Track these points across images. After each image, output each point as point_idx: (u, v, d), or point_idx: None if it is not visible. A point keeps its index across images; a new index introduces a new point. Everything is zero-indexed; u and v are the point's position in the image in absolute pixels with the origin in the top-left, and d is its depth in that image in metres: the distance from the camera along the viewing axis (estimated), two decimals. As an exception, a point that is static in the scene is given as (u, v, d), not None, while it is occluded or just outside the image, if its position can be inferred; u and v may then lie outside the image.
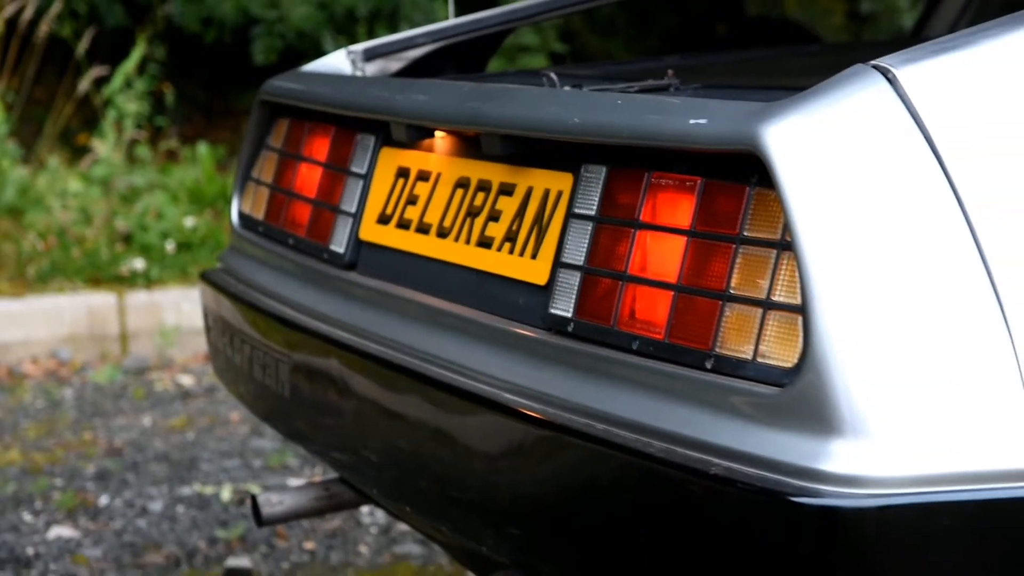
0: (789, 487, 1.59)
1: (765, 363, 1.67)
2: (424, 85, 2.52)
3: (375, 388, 2.23)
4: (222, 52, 7.54)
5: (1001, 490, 1.57)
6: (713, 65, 2.98)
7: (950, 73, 1.68)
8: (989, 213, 1.62)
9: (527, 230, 2.04)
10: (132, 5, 7.40)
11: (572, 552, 1.89)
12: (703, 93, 2.12)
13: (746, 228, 1.71)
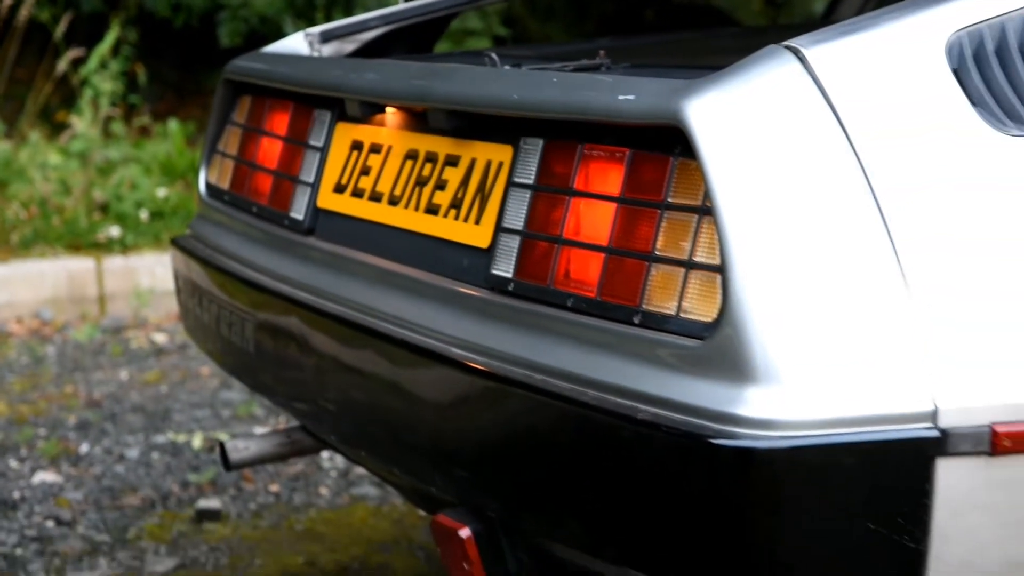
0: (709, 430, 1.59)
1: (687, 318, 1.67)
2: (376, 65, 2.51)
3: (333, 344, 2.22)
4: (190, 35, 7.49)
5: (894, 431, 1.59)
6: (641, 47, 2.98)
7: (854, 52, 1.69)
8: (891, 181, 1.63)
9: (471, 198, 2.03)
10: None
11: (513, 491, 1.89)
12: (632, 72, 2.12)
13: (670, 195, 1.72)
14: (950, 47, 1.70)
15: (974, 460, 1.60)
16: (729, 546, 1.63)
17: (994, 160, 1.67)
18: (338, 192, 2.35)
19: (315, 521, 3.48)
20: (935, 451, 1.59)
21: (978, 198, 1.66)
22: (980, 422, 1.60)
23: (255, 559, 3.26)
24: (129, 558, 3.27)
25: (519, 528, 1.93)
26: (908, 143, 1.66)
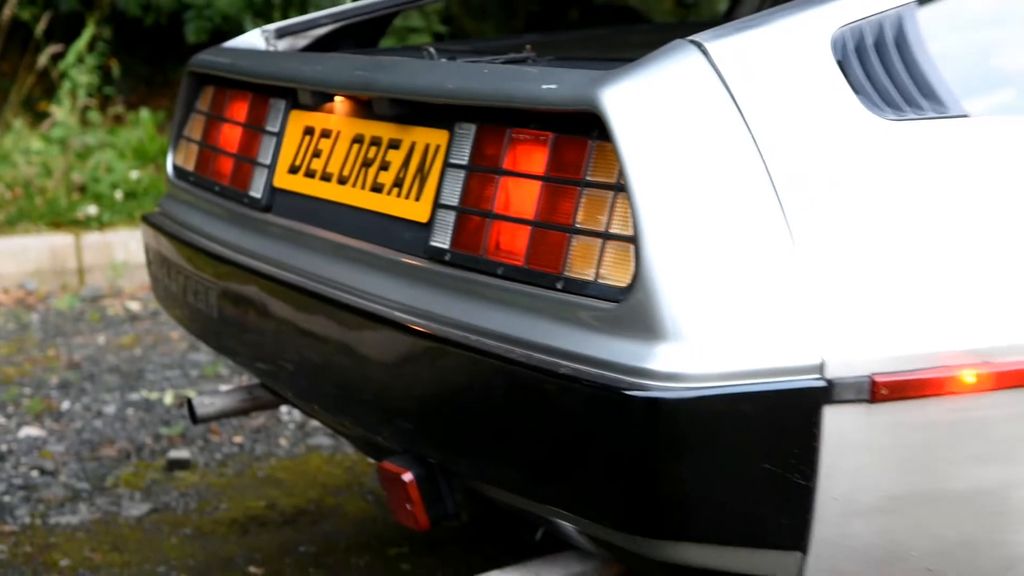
0: (623, 383, 1.60)
1: (604, 283, 1.68)
2: (326, 58, 2.50)
3: (288, 309, 2.22)
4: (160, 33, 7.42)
5: (786, 382, 1.60)
6: (564, 42, 2.99)
7: (750, 45, 1.70)
8: (782, 160, 1.64)
9: (411, 177, 2.03)
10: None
11: (451, 439, 1.90)
12: (555, 64, 2.12)
13: (588, 174, 1.72)
14: (835, 41, 1.71)
15: (856, 407, 1.62)
16: (641, 486, 1.64)
17: (873, 141, 1.68)
18: (292, 173, 2.34)
19: (275, 469, 3.47)
20: (822, 399, 1.60)
21: (859, 174, 1.67)
22: (861, 373, 1.61)
23: (221, 503, 3.25)
24: (107, 503, 3.26)
25: (456, 472, 1.93)
26: (798, 126, 1.67)
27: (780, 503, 1.64)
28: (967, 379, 1.64)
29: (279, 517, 3.15)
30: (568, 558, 1.86)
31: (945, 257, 1.67)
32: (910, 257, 1.66)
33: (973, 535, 1.71)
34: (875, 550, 1.69)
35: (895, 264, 1.65)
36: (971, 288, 1.67)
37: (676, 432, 1.60)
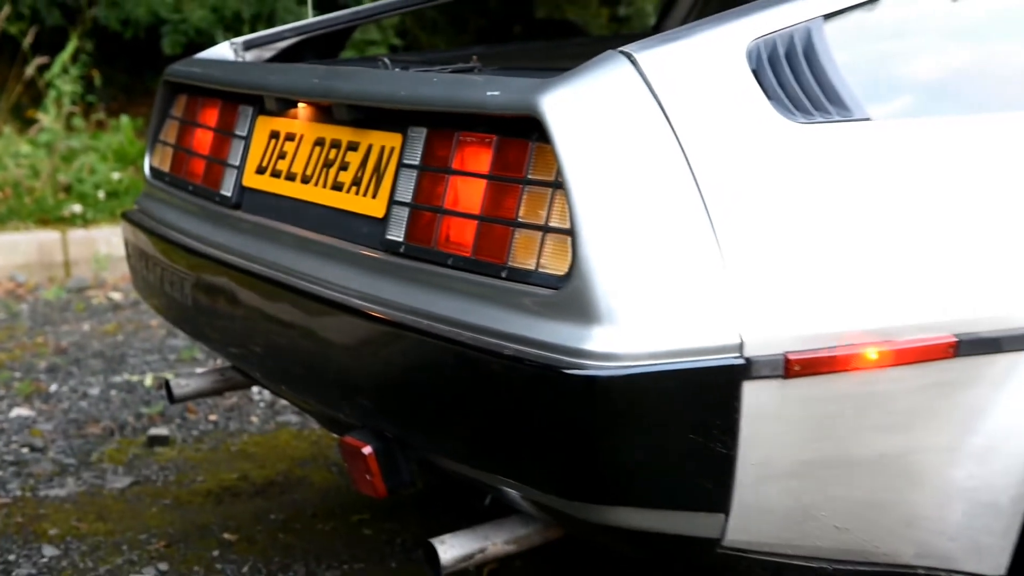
0: (562, 363, 1.61)
1: (544, 272, 1.68)
2: (290, 68, 2.49)
3: (257, 298, 2.21)
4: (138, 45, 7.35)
5: (709, 360, 1.61)
6: (508, 53, 2.99)
7: (675, 56, 1.70)
8: (704, 158, 1.65)
9: (369, 176, 2.02)
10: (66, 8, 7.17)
11: (406, 416, 1.90)
12: (498, 73, 2.12)
13: (529, 172, 1.72)
14: (749, 52, 1.71)
15: (772, 382, 1.63)
16: (579, 456, 1.64)
17: (784, 142, 1.69)
18: (260, 173, 2.32)
19: (247, 444, 3.46)
20: (741, 375, 1.61)
21: (772, 172, 1.68)
22: (776, 352, 1.62)
23: (197, 476, 3.23)
24: (92, 477, 3.23)
25: (411, 445, 1.93)
26: (717, 128, 1.67)
27: (705, 470, 1.65)
28: (870, 356, 1.66)
29: (251, 488, 3.14)
30: (514, 522, 1.86)
31: (849, 247, 1.68)
32: (819, 247, 1.67)
33: (876, 496, 1.73)
34: (789, 511, 1.71)
35: (805, 254, 1.67)
36: (873, 274, 1.69)
37: (611, 407, 1.61)
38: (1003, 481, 1.73)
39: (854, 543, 1.76)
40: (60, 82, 6.42)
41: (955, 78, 1.85)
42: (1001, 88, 1.85)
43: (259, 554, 2.76)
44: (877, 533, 1.75)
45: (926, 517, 1.74)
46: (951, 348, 1.68)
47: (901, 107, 1.79)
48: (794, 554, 1.75)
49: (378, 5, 3.06)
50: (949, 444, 1.72)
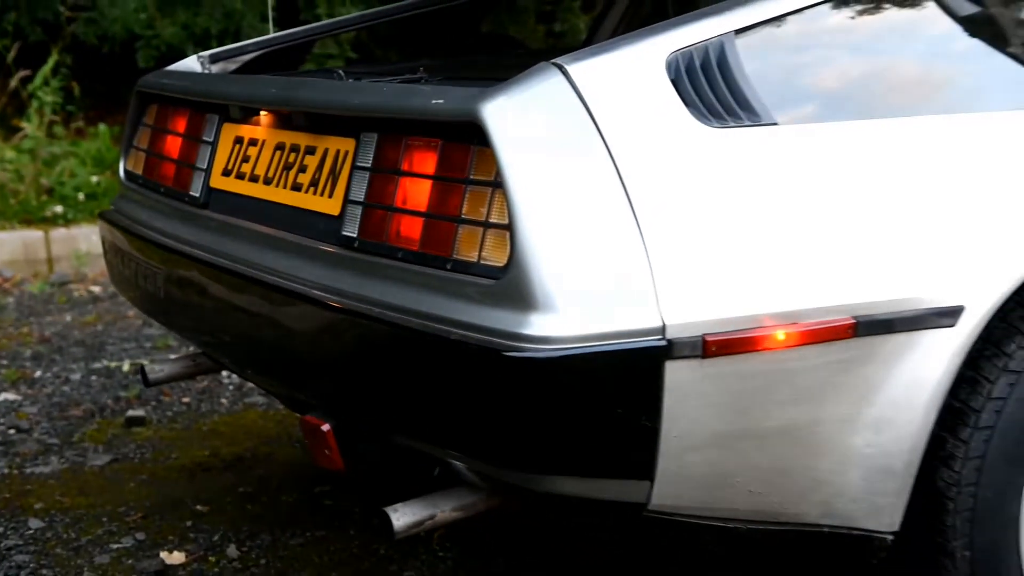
0: (503, 346, 1.61)
1: (486, 264, 1.68)
2: (252, 79, 2.48)
3: (224, 290, 2.19)
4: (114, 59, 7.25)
5: (635, 342, 1.62)
6: (453, 65, 2.98)
7: (602, 67, 1.71)
8: (629, 159, 1.65)
9: (325, 178, 2.01)
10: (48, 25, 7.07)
11: (360, 395, 1.89)
12: (443, 83, 2.12)
13: (471, 173, 1.72)
14: (668, 63, 1.72)
15: (691, 362, 1.64)
16: (519, 431, 1.65)
17: (700, 145, 1.70)
18: (225, 175, 2.31)
19: (217, 423, 3.43)
20: (664, 356, 1.62)
21: (689, 172, 1.69)
22: (695, 334, 1.63)
23: (172, 453, 3.21)
24: (74, 455, 3.20)
25: (366, 423, 1.93)
26: (640, 132, 1.68)
27: (631, 442, 1.66)
28: (779, 337, 1.67)
29: (221, 463, 3.12)
30: (460, 492, 1.86)
31: (759, 239, 1.70)
32: (732, 239, 1.68)
33: (786, 463, 1.75)
34: (707, 477, 1.72)
35: (720, 245, 1.68)
36: (781, 263, 1.70)
37: (547, 385, 1.61)
38: (896, 448, 1.76)
39: (765, 506, 1.77)
40: (42, 93, 6.34)
41: (851, 87, 1.87)
42: (890, 96, 1.88)
43: (228, 524, 2.75)
44: (786, 496, 1.77)
45: (829, 481, 1.77)
46: (850, 329, 1.70)
47: (804, 113, 1.81)
48: (712, 516, 1.77)
49: (334, 21, 3.06)
50: (849, 415, 1.74)
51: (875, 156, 1.79)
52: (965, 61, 1.97)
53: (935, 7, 1.99)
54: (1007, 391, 1.80)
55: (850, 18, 1.93)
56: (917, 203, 1.78)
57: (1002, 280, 1.77)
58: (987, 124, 1.86)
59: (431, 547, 2.55)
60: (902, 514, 1.80)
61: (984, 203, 1.80)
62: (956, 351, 1.75)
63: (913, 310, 1.73)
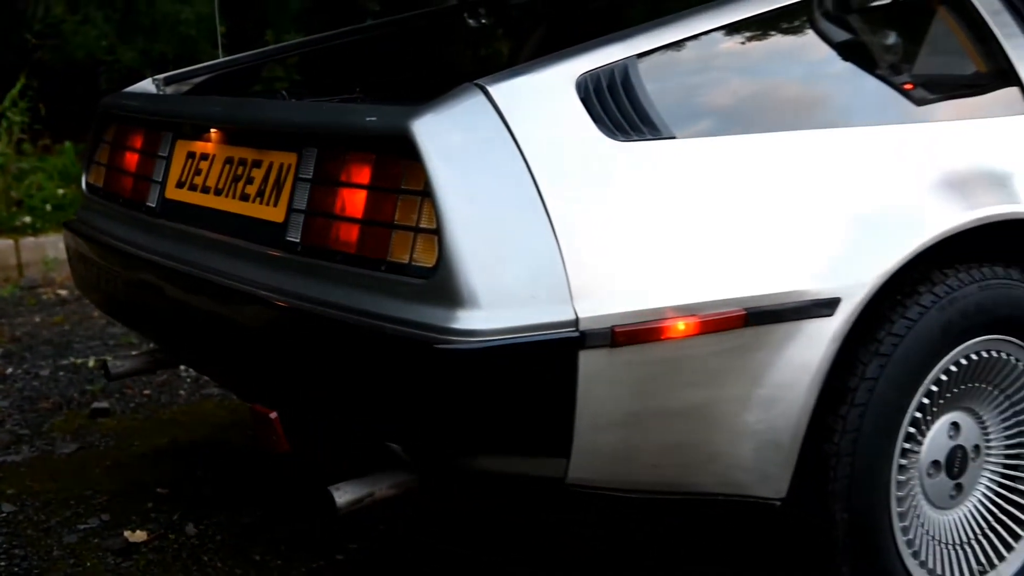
0: (433, 339, 1.60)
1: (416, 265, 1.67)
2: (204, 100, 2.44)
3: (178, 292, 2.15)
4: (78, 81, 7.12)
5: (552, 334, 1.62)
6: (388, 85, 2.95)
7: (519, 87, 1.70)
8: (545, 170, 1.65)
9: (271, 188, 1.98)
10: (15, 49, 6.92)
11: (304, 386, 1.87)
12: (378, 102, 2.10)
13: (402, 184, 1.70)
14: (578, 84, 1.72)
15: (601, 350, 1.64)
16: (449, 415, 1.64)
17: (607, 156, 1.70)
18: (179, 187, 2.26)
19: (176, 413, 3.37)
20: (577, 346, 1.62)
21: (598, 180, 1.69)
22: (605, 325, 1.63)
23: (134, 441, 3.14)
24: (44, 444, 3.12)
25: (311, 411, 1.90)
26: (554, 145, 1.68)
27: (550, 423, 1.66)
28: (679, 327, 1.68)
29: (179, 450, 3.06)
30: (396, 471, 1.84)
31: (661, 240, 1.70)
32: (636, 241, 1.68)
33: (686, 439, 1.76)
34: (618, 453, 1.72)
35: (626, 246, 1.68)
36: (680, 261, 1.71)
37: (473, 374, 1.60)
38: (783, 423, 1.78)
39: (669, 477, 1.78)
40: (11, 114, 6.19)
41: (740, 105, 1.89)
42: (773, 113, 1.89)
43: (186, 505, 2.70)
44: (686, 468, 1.78)
45: (724, 454, 1.78)
46: (742, 319, 1.71)
47: (699, 128, 1.81)
48: (622, 487, 1.77)
49: (279, 47, 3.02)
50: (741, 395, 1.75)
51: (761, 166, 1.80)
52: (838, 82, 1.99)
53: (813, 35, 2.01)
54: (878, 372, 1.82)
55: (739, 44, 1.94)
56: (798, 207, 1.80)
57: (872, 275, 1.79)
58: (856, 137, 1.89)
59: (376, 526, 2.51)
60: (788, 482, 1.82)
61: (854, 207, 1.83)
62: (834, 337, 1.77)
63: (796, 302, 1.75)
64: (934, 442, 1.95)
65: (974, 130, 2.01)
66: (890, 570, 1.88)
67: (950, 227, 1.85)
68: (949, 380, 1.94)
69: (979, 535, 2.03)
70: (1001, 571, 2.04)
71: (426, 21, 2.99)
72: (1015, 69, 2.09)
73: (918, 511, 1.95)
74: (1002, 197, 1.94)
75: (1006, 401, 2.03)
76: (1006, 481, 2.06)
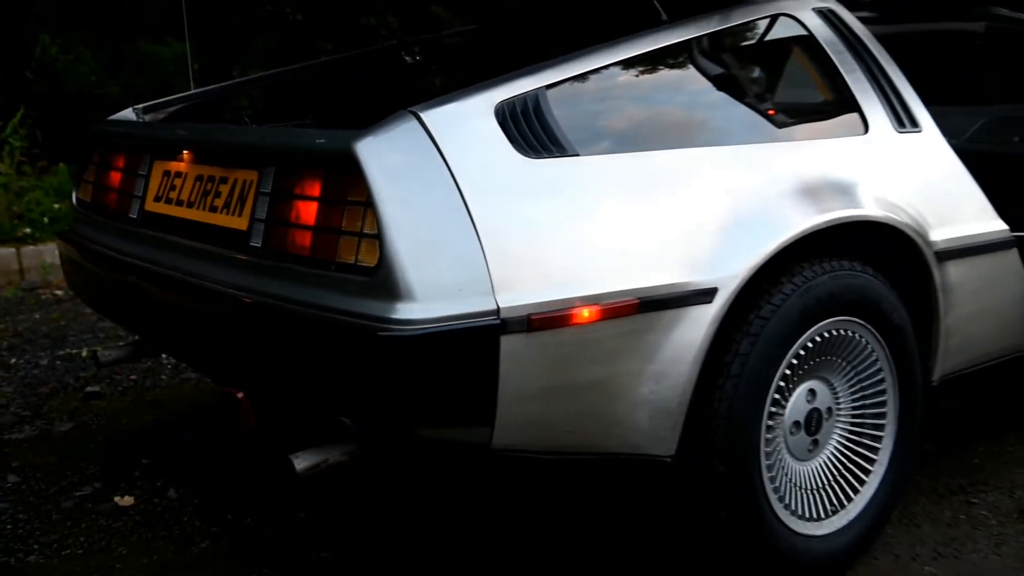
0: (376, 328, 1.57)
1: (361, 265, 1.64)
2: (178, 126, 2.37)
3: (157, 291, 2.09)
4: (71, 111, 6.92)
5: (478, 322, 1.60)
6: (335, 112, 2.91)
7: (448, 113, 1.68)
8: (470, 183, 1.63)
9: (236, 201, 1.93)
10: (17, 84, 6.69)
11: (267, 370, 1.82)
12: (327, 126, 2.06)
13: (348, 196, 1.67)
14: (497, 110, 1.71)
15: (520, 335, 1.62)
16: (391, 392, 1.61)
17: (521, 171, 1.69)
18: (157, 201, 2.20)
19: (159, 395, 3.28)
20: (499, 331, 1.61)
21: (515, 192, 1.67)
22: (522, 314, 1.62)
23: (122, 420, 3.06)
24: (43, 424, 3.02)
25: (273, 391, 1.86)
26: (477, 163, 1.66)
27: (477, 398, 1.64)
28: (585, 314, 1.67)
29: (162, 427, 2.99)
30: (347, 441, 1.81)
31: (568, 241, 1.69)
32: (548, 242, 1.67)
33: (592, 409, 1.75)
34: (534, 421, 1.71)
35: (540, 247, 1.67)
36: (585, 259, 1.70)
37: (410, 357, 1.58)
38: (672, 393, 1.78)
39: (578, 440, 1.77)
40: (13, 139, 6.01)
41: (633, 127, 1.89)
42: (661, 134, 1.89)
43: (168, 473, 2.63)
44: (593, 433, 1.78)
45: (624, 420, 1.77)
46: (636, 307, 1.71)
47: (599, 147, 1.81)
48: (539, 450, 1.76)
49: (244, 80, 2.96)
50: (637, 371, 1.75)
51: (650, 178, 1.80)
52: (714, 109, 2.01)
53: (694, 69, 2.02)
54: (749, 349, 1.84)
55: (633, 76, 1.94)
56: (681, 212, 1.80)
57: (743, 268, 1.81)
58: (729, 154, 1.90)
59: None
60: (677, 442, 1.82)
61: (728, 211, 1.84)
62: (712, 320, 1.78)
63: (681, 291, 1.75)
64: (795, 406, 1.97)
65: (824, 148, 2.03)
66: (760, 513, 1.90)
67: (805, 228, 1.87)
68: (807, 354, 1.96)
69: (832, 481, 2.06)
70: (850, 510, 2.08)
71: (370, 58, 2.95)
72: (855, 98, 2.12)
73: (783, 463, 1.97)
74: (847, 203, 1.96)
75: (852, 371, 2.06)
76: (853, 436, 2.09)
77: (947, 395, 2.24)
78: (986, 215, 2.21)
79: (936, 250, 2.08)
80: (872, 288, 1.99)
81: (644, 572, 2.04)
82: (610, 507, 2.14)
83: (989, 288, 2.21)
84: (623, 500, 1.92)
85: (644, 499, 2.21)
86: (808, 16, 2.17)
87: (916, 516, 2.30)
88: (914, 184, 2.11)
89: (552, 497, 2.13)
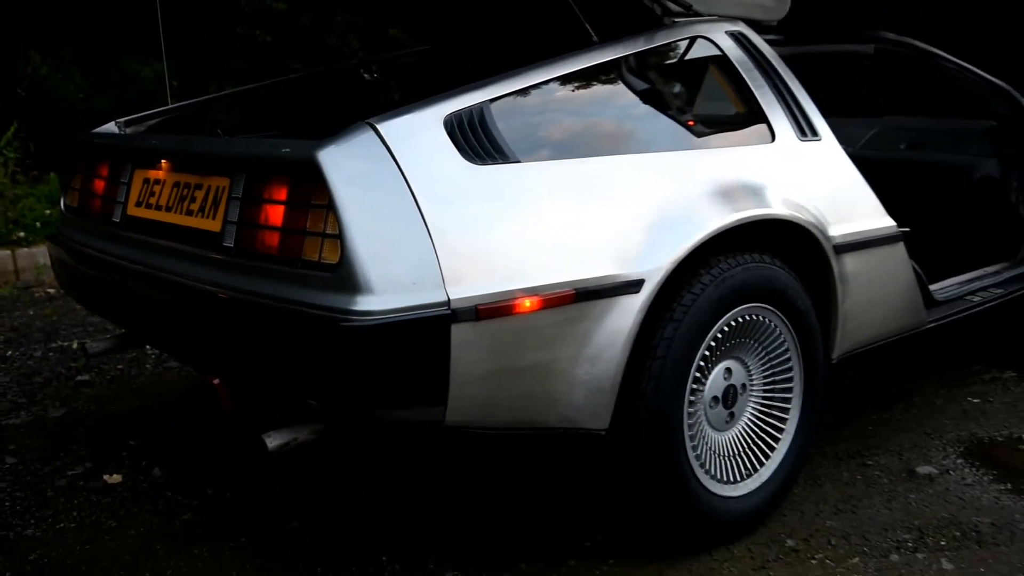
0: (339, 319, 1.55)
1: (324, 262, 1.61)
2: (157, 137, 2.31)
3: (140, 288, 2.03)
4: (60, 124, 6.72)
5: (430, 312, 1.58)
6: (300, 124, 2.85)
7: (403, 124, 1.66)
8: (423, 188, 1.61)
9: (210, 205, 1.88)
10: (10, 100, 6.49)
11: (240, 358, 1.78)
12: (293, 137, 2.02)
13: (312, 200, 1.63)
14: (446, 121, 1.69)
15: (469, 323, 1.61)
16: (353, 377, 1.59)
17: (468, 177, 1.67)
18: (138, 206, 2.13)
19: (144, 383, 3.20)
20: (450, 320, 1.59)
21: (463, 195, 1.66)
22: (470, 304, 1.61)
23: (111, 405, 2.98)
24: (38, 410, 2.93)
25: (246, 378, 1.82)
26: (428, 169, 1.64)
27: (431, 381, 1.62)
28: (526, 304, 1.66)
29: (147, 411, 2.92)
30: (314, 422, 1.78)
31: (511, 239, 1.68)
32: (493, 240, 1.66)
33: (533, 389, 1.74)
34: (482, 401, 1.69)
35: (486, 244, 1.65)
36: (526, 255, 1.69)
37: (370, 345, 1.55)
38: (605, 374, 1.78)
39: (522, 417, 1.76)
40: (7, 151, 5.83)
41: (569, 137, 1.87)
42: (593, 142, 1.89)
43: (153, 454, 2.57)
44: (535, 410, 1.77)
45: (562, 399, 1.77)
46: (572, 297, 1.71)
47: (539, 154, 1.79)
48: (488, 426, 1.75)
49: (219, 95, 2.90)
50: (574, 355, 1.74)
51: (584, 182, 1.79)
52: (640, 120, 2.00)
53: (623, 85, 2.01)
54: (672, 333, 1.84)
55: (569, 91, 1.93)
56: (611, 211, 1.79)
57: (667, 261, 1.81)
58: (654, 160, 1.90)
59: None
60: (610, 417, 1.82)
61: (653, 211, 1.84)
62: (640, 308, 1.78)
63: (612, 283, 1.75)
64: (714, 383, 1.99)
65: (736, 155, 2.04)
66: (684, 478, 1.91)
67: (721, 225, 1.88)
68: (723, 337, 1.97)
69: (746, 448, 2.08)
70: (762, 474, 2.10)
71: (332, 75, 2.90)
72: (763, 111, 2.14)
73: (703, 433, 1.98)
74: (757, 203, 1.98)
75: (763, 351, 2.08)
76: (764, 409, 2.12)
77: (845, 371, 2.27)
78: (877, 213, 2.25)
79: (834, 244, 2.10)
80: (779, 278, 2.01)
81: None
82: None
83: (880, 277, 2.24)
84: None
85: (579, 465, 2.17)
86: (722, 38, 2.18)
87: (819, 477, 2.34)
88: (815, 186, 2.13)
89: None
